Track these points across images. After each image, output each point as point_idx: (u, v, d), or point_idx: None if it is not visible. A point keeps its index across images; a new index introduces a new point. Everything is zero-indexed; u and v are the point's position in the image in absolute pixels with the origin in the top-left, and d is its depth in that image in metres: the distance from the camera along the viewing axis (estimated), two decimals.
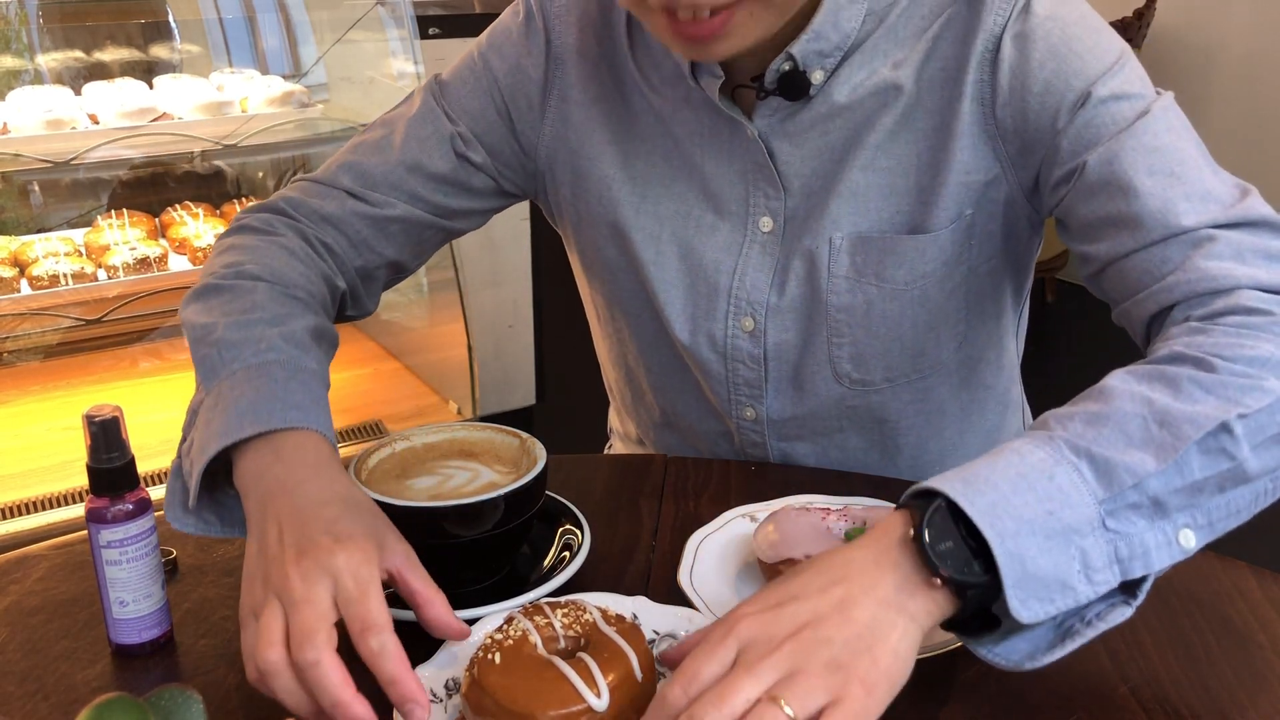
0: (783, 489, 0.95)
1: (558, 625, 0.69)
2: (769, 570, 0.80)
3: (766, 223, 0.95)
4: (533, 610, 0.70)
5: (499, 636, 0.68)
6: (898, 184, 0.91)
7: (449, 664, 0.72)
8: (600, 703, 0.63)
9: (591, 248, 1.03)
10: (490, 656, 0.66)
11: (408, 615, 0.72)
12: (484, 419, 1.67)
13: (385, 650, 0.64)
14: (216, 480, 0.78)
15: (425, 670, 0.71)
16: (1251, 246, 0.76)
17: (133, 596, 0.77)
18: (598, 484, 1.01)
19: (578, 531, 0.86)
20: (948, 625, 0.65)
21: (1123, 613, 0.65)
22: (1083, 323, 3.45)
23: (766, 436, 1.02)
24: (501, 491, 0.78)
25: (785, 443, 1.03)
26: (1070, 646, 0.64)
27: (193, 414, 0.80)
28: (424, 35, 2.22)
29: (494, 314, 2.48)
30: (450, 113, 1.00)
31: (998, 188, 0.90)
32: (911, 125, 0.90)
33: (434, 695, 0.70)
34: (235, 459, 0.76)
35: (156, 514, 0.78)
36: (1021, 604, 0.62)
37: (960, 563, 0.62)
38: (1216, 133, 3.38)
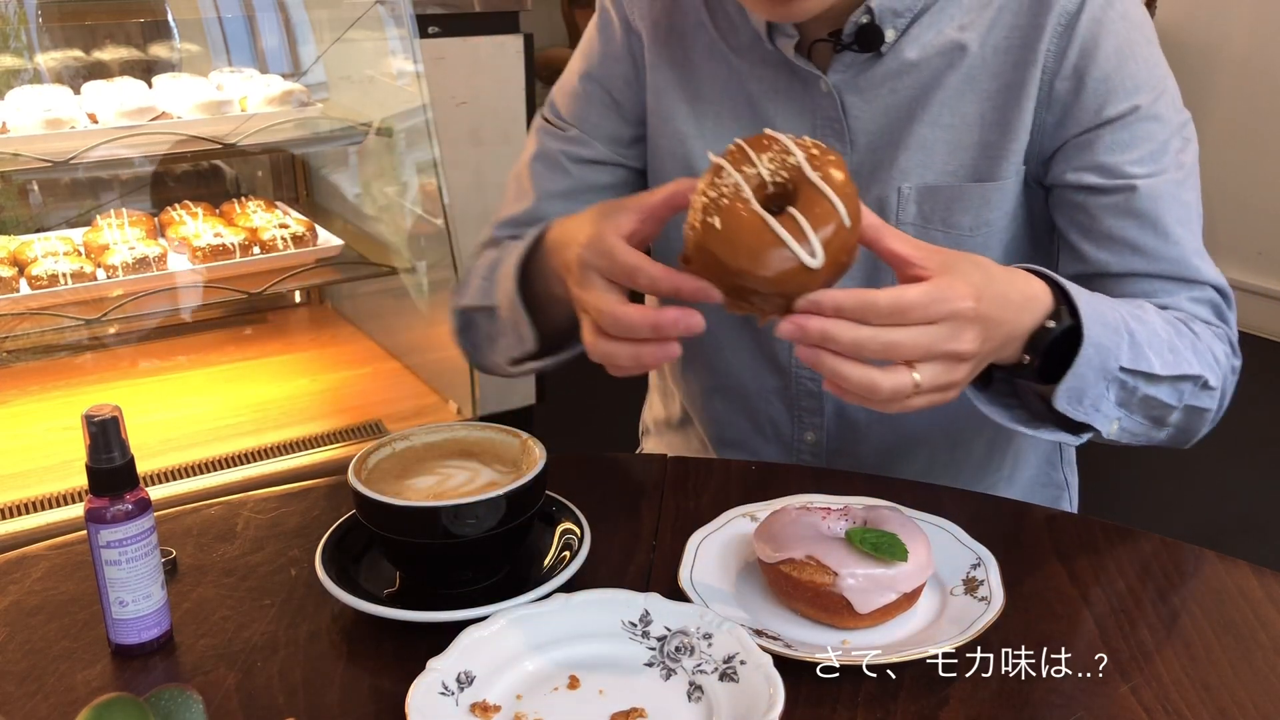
0: (783, 489, 0.95)
1: (765, 173, 0.72)
2: (769, 570, 0.80)
3: None
4: (740, 158, 0.74)
5: (713, 195, 0.72)
6: (962, 139, 0.97)
7: (461, 657, 0.72)
8: (816, 261, 0.69)
9: None
10: (711, 220, 0.71)
11: (418, 617, 0.73)
12: (484, 419, 1.66)
13: (653, 278, 0.76)
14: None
15: (439, 663, 0.71)
16: (1225, 333, 0.97)
17: (132, 596, 0.77)
18: (598, 484, 1.00)
19: (578, 531, 0.86)
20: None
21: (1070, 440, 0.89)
22: None
23: (823, 401, 1.06)
24: (502, 491, 0.79)
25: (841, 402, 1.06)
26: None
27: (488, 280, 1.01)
28: (423, 34, 2.21)
29: None
30: (559, 126, 1.09)
31: (1031, 148, 0.97)
32: (976, 86, 0.96)
33: (445, 689, 0.70)
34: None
35: (156, 514, 0.78)
36: (1066, 396, 0.84)
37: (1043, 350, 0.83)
38: (1216, 133, 3.38)
